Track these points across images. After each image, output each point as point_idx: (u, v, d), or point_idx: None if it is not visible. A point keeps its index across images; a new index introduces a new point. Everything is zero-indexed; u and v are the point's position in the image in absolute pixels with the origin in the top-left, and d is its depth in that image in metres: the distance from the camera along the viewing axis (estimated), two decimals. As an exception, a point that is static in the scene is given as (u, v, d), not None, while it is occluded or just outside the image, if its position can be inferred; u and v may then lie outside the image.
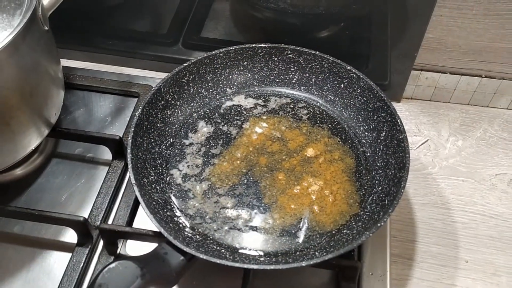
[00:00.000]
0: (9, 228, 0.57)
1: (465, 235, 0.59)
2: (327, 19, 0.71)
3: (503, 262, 0.57)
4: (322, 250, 0.49)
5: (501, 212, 0.61)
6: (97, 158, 0.64)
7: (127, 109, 0.69)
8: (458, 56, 0.67)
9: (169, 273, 0.44)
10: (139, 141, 0.55)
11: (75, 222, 0.53)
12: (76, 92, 0.71)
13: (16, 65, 0.50)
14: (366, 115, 0.60)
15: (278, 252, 0.50)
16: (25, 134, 0.55)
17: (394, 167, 0.53)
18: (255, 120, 0.62)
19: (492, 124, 0.71)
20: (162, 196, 0.54)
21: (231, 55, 0.63)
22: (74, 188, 0.61)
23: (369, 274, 0.53)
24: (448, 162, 0.67)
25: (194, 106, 0.63)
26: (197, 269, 0.51)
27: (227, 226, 0.52)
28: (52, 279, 0.53)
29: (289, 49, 0.63)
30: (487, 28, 0.63)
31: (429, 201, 0.62)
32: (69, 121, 0.67)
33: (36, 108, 0.56)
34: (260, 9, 0.70)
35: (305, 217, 0.53)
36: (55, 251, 0.55)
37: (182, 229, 0.51)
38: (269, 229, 0.52)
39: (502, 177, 0.65)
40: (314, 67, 0.63)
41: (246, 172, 0.57)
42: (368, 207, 0.53)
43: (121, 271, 0.41)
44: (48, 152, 0.65)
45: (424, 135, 0.70)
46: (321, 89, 0.64)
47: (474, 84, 0.70)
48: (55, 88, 0.59)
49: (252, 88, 0.65)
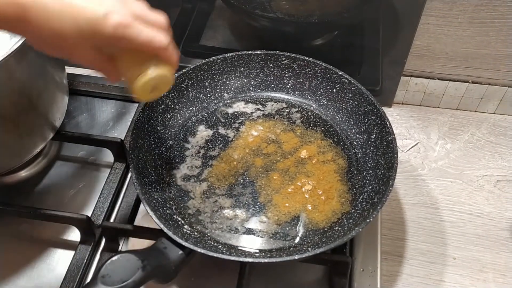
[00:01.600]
0: (15, 227, 0.59)
1: (453, 233, 0.61)
2: (321, 27, 0.74)
3: (489, 259, 0.59)
4: (315, 246, 0.51)
5: (488, 212, 0.64)
6: (99, 160, 0.66)
7: (128, 114, 0.72)
8: (445, 63, 0.70)
9: (168, 266, 0.46)
10: (140, 143, 0.58)
11: (79, 220, 0.56)
12: (80, 98, 0.73)
13: (24, 71, 0.53)
14: (357, 118, 0.63)
15: (273, 248, 0.52)
16: (31, 137, 0.58)
17: (384, 167, 0.56)
18: (251, 124, 0.65)
19: (480, 128, 0.74)
20: (162, 195, 0.56)
21: (228, 62, 0.66)
22: (77, 189, 0.63)
23: (361, 271, 0.55)
24: (437, 164, 0.69)
25: (193, 110, 0.65)
26: (195, 266, 0.53)
27: (225, 224, 0.54)
28: (56, 275, 0.55)
29: (283, 55, 0.66)
30: (473, 36, 0.66)
31: (419, 201, 0.65)
32: (72, 125, 0.70)
33: (42, 112, 0.58)
34: (257, 18, 0.73)
35: (299, 215, 0.55)
36: (59, 249, 0.58)
37: (181, 226, 0.53)
38: (264, 227, 0.54)
39: (489, 178, 0.67)
40: (307, 73, 0.66)
41: (242, 173, 0.59)
42: (359, 205, 0.55)
43: (123, 263, 0.43)
44: (52, 155, 0.67)
45: (414, 139, 0.73)
46: (314, 93, 0.66)
47: (462, 89, 0.73)
48: (60, 93, 0.62)
49: (249, 93, 0.68)
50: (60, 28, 0.37)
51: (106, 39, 0.38)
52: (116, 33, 0.38)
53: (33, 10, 0.36)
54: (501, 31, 0.65)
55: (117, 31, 0.38)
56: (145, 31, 0.39)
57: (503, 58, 0.68)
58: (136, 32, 0.39)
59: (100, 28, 0.38)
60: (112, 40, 0.39)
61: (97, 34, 0.38)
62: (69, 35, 0.37)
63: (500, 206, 0.64)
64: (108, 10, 0.37)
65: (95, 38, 0.38)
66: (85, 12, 0.37)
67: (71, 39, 0.38)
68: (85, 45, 0.39)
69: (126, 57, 0.42)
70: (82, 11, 0.37)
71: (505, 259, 0.59)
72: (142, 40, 0.39)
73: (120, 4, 0.39)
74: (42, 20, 0.36)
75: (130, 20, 0.38)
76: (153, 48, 0.41)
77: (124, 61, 0.43)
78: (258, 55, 0.66)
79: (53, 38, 0.38)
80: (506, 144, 0.71)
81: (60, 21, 0.37)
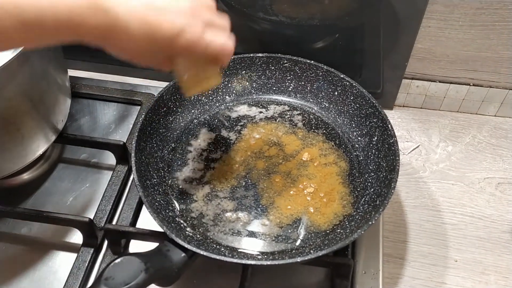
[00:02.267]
0: (17, 230, 0.59)
1: (454, 235, 0.62)
2: (322, 30, 0.74)
3: (491, 261, 0.59)
4: (317, 248, 0.51)
5: (489, 214, 0.64)
6: (102, 163, 0.66)
7: (130, 116, 0.72)
8: (446, 65, 0.70)
9: (171, 268, 0.46)
10: (142, 145, 0.58)
11: (81, 223, 0.56)
12: (82, 101, 0.74)
13: (27, 73, 0.53)
14: (359, 121, 0.63)
15: (275, 251, 0.53)
16: (33, 139, 0.58)
17: (385, 170, 0.56)
18: (253, 126, 0.65)
19: (481, 130, 0.74)
20: (164, 198, 0.56)
21: (230, 64, 0.66)
22: (79, 191, 0.63)
23: (363, 273, 0.55)
24: (439, 167, 0.69)
25: (195, 113, 0.66)
26: (197, 268, 0.53)
27: (227, 227, 0.54)
28: (58, 278, 0.55)
29: (285, 58, 0.66)
30: (474, 39, 0.66)
31: (420, 204, 0.65)
32: (75, 128, 0.70)
33: (45, 115, 0.59)
34: (258, 21, 0.73)
35: (301, 218, 0.55)
36: (61, 252, 0.58)
37: (183, 229, 0.53)
38: (266, 229, 0.54)
39: (490, 180, 0.67)
40: (309, 76, 0.66)
41: (245, 175, 0.59)
42: (360, 207, 0.55)
43: (126, 265, 0.43)
44: (54, 157, 0.67)
45: (416, 141, 0.73)
46: (316, 96, 0.67)
47: (463, 92, 0.73)
48: (62, 96, 0.62)
49: (250, 96, 0.68)
50: (136, 47, 0.39)
51: (179, 52, 0.41)
52: (188, 48, 0.41)
53: (115, 33, 0.38)
54: (502, 34, 0.65)
55: (189, 47, 0.41)
56: (214, 42, 0.42)
57: (504, 61, 0.69)
58: (206, 44, 0.41)
59: (174, 45, 0.40)
60: (184, 53, 0.42)
61: (171, 49, 0.40)
62: (144, 49, 0.40)
63: (501, 208, 0.64)
64: (182, 27, 0.40)
65: (168, 51, 0.41)
66: (162, 30, 0.39)
67: (146, 52, 0.40)
68: (157, 55, 0.41)
69: (187, 61, 0.45)
70: (158, 28, 0.39)
71: (506, 261, 0.59)
72: (213, 50, 0.42)
73: (193, 17, 0.40)
74: (121, 41, 0.38)
75: (201, 33, 0.41)
76: (222, 55, 0.43)
77: (184, 64, 0.45)
78: (260, 58, 0.67)
79: (129, 50, 0.40)
80: (507, 147, 0.72)
81: (139, 36, 0.39)
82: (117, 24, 0.37)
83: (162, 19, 0.39)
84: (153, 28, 0.38)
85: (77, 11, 0.35)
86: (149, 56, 0.41)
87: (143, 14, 0.38)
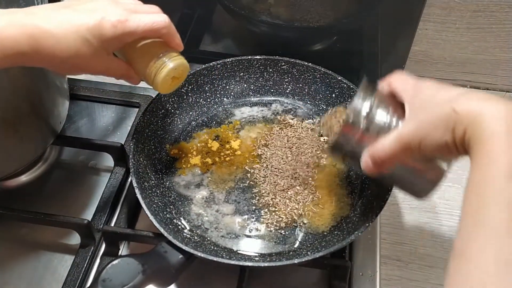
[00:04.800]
0: (15, 231, 0.59)
1: (452, 237, 0.62)
2: (320, 33, 0.74)
3: (488, 263, 0.59)
4: (314, 250, 0.52)
5: (486, 216, 0.64)
6: (100, 165, 0.66)
7: (128, 118, 0.72)
8: (443, 68, 0.71)
9: (169, 270, 0.46)
10: (140, 147, 0.58)
11: (79, 225, 0.56)
12: (80, 103, 0.74)
13: (25, 76, 0.53)
14: (356, 123, 0.63)
15: (272, 252, 0.53)
16: (32, 141, 0.58)
17: (383, 172, 0.56)
18: (251, 128, 0.65)
19: (478, 133, 0.74)
20: (162, 200, 0.56)
21: (228, 67, 0.66)
22: (77, 193, 0.63)
23: (360, 275, 0.56)
24: (436, 169, 0.69)
25: (193, 115, 0.66)
26: (195, 270, 0.53)
27: (224, 228, 0.55)
28: (56, 279, 0.55)
29: (283, 60, 0.67)
30: (470, 41, 0.67)
31: (417, 206, 0.65)
32: (73, 130, 0.70)
33: (43, 116, 0.59)
34: (256, 23, 0.73)
35: (298, 219, 0.55)
36: (59, 253, 0.58)
37: (181, 231, 0.53)
38: (264, 231, 0.54)
39: (487, 182, 0.68)
40: (307, 78, 0.67)
41: (242, 177, 0.59)
42: (358, 209, 0.55)
43: (123, 267, 0.43)
44: (52, 159, 0.67)
45: (413, 143, 0.73)
46: (313, 98, 0.67)
47: (460, 94, 0.74)
48: (60, 98, 0.62)
49: (248, 98, 0.68)
50: (69, 47, 0.40)
51: (113, 40, 0.41)
52: (117, 31, 0.41)
53: (42, 38, 0.39)
54: (498, 36, 0.66)
55: (117, 29, 0.41)
56: (143, 17, 0.43)
57: (500, 63, 0.69)
58: (136, 22, 0.42)
59: (102, 33, 0.41)
60: (118, 39, 0.42)
61: (102, 39, 0.41)
62: (80, 51, 0.41)
63: (498, 210, 0.64)
64: (102, 14, 0.41)
65: (103, 44, 0.41)
66: (84, 24, 0.40)
67: (83, 54, 0.41)
68: (98, 55, 0.42)
69: (139, 57, 0.45)
70: (81, 24, 0.40)
71: (503, 263, 0.59)
72: (144, 26, 0.42)
73: (112, 6, 0.42)
74: (52, 45, 0.40)
75: (126, 15, 0.42)
76: (156, 29, 0.43)
77: (138, 61, 0.46)
78: (258, 60, 0.67)
79: (67, 58, 0.41)
80: (504, 149, 0.72)
81: (67, 40, 0.40)
82: (39, 29, 0.39)
83: (81, 13, 0.41)
84: (76, 26, 0.40)
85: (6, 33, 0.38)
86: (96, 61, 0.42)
87: (58, 13, 0.40)
